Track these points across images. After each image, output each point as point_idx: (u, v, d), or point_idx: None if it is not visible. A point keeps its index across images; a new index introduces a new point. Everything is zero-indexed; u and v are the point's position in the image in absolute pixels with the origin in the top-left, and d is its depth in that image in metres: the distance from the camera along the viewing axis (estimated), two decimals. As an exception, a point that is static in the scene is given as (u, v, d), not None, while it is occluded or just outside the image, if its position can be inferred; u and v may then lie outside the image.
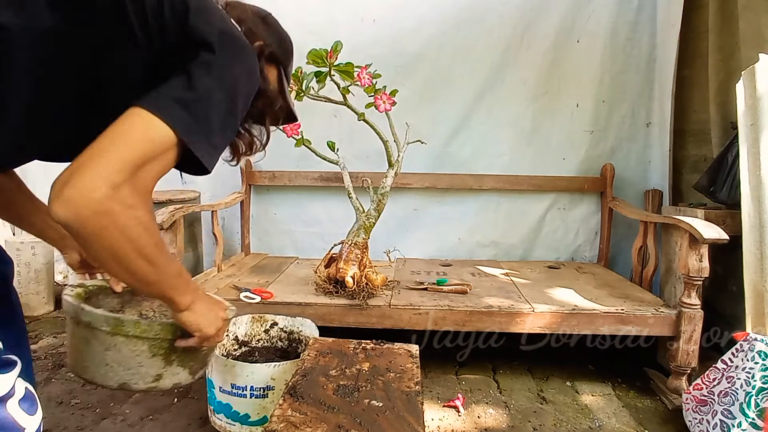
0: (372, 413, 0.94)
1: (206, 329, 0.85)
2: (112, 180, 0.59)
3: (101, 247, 0.63)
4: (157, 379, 0.89)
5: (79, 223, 0.59)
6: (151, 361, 0.88)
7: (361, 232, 1.81)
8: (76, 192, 0.58)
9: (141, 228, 0.64)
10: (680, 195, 2.32)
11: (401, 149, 1.87)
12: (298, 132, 1.90)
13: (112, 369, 0.88)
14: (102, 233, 0.61)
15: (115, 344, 0.86)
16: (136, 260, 0.67)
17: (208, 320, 0.86)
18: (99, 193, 0.58)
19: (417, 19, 2.41)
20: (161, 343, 0.87)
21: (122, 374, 0.88)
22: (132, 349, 0.86)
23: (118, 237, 0.62)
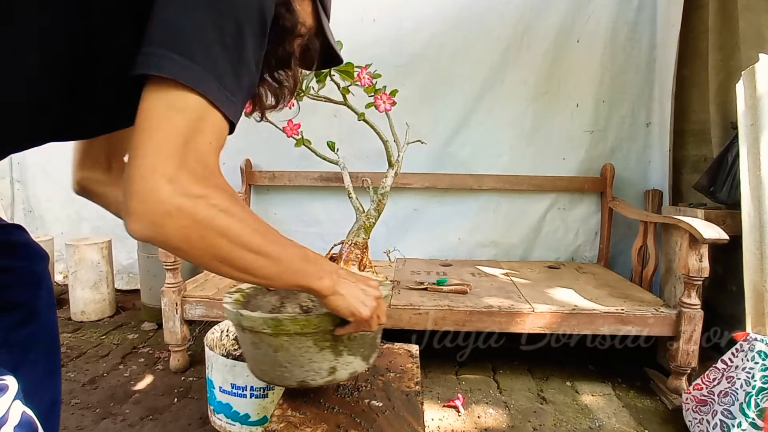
0: (372, 413, 0.94)
1: (360, 312, 0.79)
2: (165, 173, 0.51)
3: (198, 252, 0.56)
4: (332, 372, 0.89)
5: (159, 233, 0.52)
6: (321, 355, 0.87)
7: (361, 232, 1.82)
8: (138, 202, 0.51)
9: (226, 217, 0.56)
10: (680, 195, 2.32)
11: (401, 149, 1.87)
12: (298, 132, 1.89)
13: (287, 369, 0.88)
14: (188, 235, 0.54)
15: (281, 344, 0.86)
16: (242, 255, 0.60)
17: (359, 300, 0.79)
18: (161, 193, 0.50)
19: (417, 19, 2.41)
20: (324, 335, 0.85)
21: (297, 372, 0.88)
22: (298, 346, 0.85)
23: (206, 234, 0.55)
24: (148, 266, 2.30)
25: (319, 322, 0.84)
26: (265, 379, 0.93)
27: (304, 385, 0.90)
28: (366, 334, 0.90)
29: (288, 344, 0.85)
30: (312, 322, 0.83)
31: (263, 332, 0.85)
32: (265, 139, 2.53)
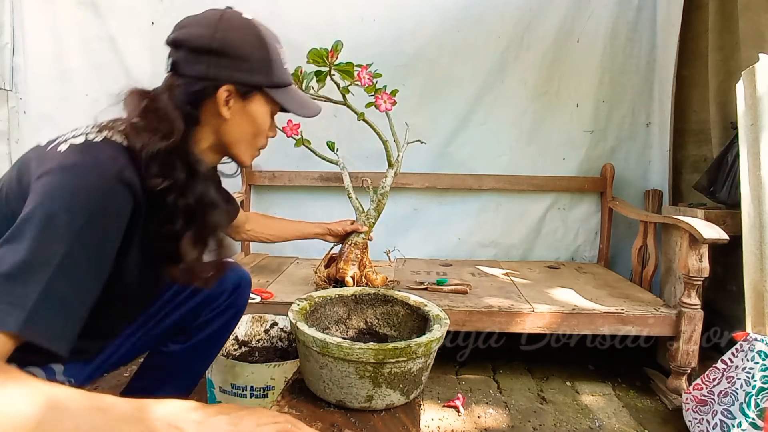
0: (367, 413, 0.94)
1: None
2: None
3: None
4: (368, 399, 0.92)
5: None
6: (360, 382, 0.90)
7: (362, 233, 1.81)
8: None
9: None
10: (680, 195, 2.32)
11: (401, 149, 1.87)
12: (297, 132, 1.89)
13: (328, 386, 0.92)
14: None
15: (326, 363, 0.90)
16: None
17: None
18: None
19: (417, 19, 2.41)
20: (365, 366, 0.88)
21: (337, 392, 0.92)
22: (340, 369, 0.89)
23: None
24: (148, 266, 2.30)
25: (362, 353, 0.86)
26: (310, 388, 0.98)
27: (341, 405, 0.93)
28: (409, 371, 0.92)
29: (332, 365, 0.89)
30: (355, 352, 0.86)
31: (312, 348, 0.90)
32: (265, 139, 2.54)
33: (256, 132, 0.89)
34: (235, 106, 0.85)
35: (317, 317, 1.11)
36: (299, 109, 0.90)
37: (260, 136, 0.91)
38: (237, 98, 0.84)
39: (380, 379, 0.90)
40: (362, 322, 1.18)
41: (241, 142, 0.89)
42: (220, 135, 0.87)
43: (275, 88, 0.87)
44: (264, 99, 0.87)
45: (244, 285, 1.23)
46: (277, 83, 0.87)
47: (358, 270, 1.78)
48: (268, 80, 0.85)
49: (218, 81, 0.81)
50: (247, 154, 0.92)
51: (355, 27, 2.40)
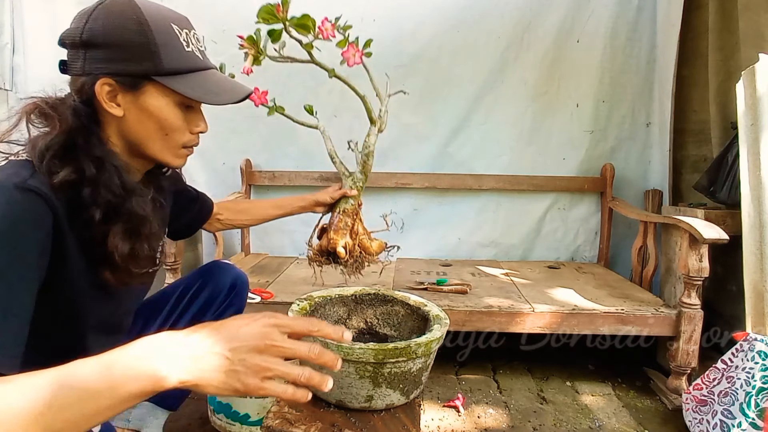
0: (367, 413, 0.94)
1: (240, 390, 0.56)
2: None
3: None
4: (368, 399, 0.92)
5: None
6: (360, 382, 0.90)
7: (352, 198, 1.60)
8: None
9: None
10: (680, 195, 2.32)
11: (384, 102, 1.63)
12: (266, 100, 1.63)
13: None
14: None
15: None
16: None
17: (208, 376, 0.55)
18: None
19: (417, 19, 2.41)
20: (365, 366, 0.88)
21: (337, 392, 0.92)
22: (341, 369, 0.89)
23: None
24: (148, 266, 2.30)
25: (362, 353, 0.87)
26: (310, 388, 0.96)
27: (341, 405, 0.94)
28: (409, 371, 0.93)
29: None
30: (355, 352, 0.87)
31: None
32: (265, 139, 2.54)
33: (162, 127, 0.80)
34: (126, 101, 0.77)
35: (317, 317, 1.11)
36: (205, 96, 0.80)
37: (174, 131, 0.82)
38: (124, 92, 0.76)
39: (380, 379, 0.90)
40: (362, 322, 1.18)
41: (150, 140, 0.81)
42: (124, 134, 0.80)
43: (170, 75, 0.77)
44: (158, 89, 0.77)
45: (240, 284, 1.23)
46: (172, 70, 0.77)
47: (350, 239, 1.57)
48: (157, 67, 0.76)
49: (95, 75, 0.74)
50: (167, 154, 0.84)
51: (355, 27, 2.39)
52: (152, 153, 0.83)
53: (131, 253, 0.77)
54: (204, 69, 0.83)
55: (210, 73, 0.84)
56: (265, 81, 2.41)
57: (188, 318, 1.13)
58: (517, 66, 2.43)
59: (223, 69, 1.28)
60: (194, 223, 1.26)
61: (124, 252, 0.76)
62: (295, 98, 2.45)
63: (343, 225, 1.50)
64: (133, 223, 0.77)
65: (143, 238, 0.79)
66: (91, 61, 0.75)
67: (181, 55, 0.79)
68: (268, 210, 1.45)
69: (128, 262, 0.77)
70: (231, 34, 2.42)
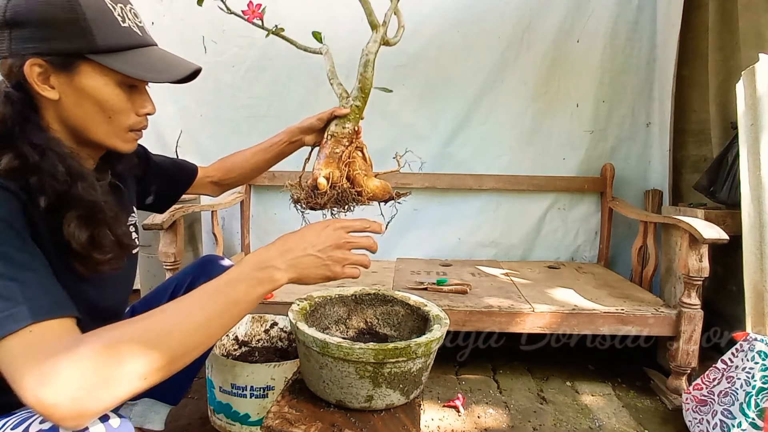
0: (367, 413, 0.94)
1: (329, 276, 0.78)
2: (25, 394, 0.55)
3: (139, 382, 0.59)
4: (368, 399, 0.92)
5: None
6: (360, 382, 0.90)
7: (345, 120, 1.22)
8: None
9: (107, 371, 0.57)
10: (680, 195, 2.32)
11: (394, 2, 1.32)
12: (261, 15, 1.28)
13: (328, 386, 0.92)
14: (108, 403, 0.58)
15: (326, 363, 0.90)
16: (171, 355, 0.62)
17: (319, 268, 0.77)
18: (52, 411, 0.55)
19: (417, 19, 2.41)
20: (365, 366, 0.88)
21: (337, 392, 0.92)
22: (340, 369, 0.89)
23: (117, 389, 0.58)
24: (149, 266, 2.30)
25: (362, 353, 0.86)
26: (310, 388, 0.98)
27: (341, 405, 0.93)
28: (409, 371, 0.92)
29: (332, 365, 0.89)
30: (355, 352, 0.86)
31: (312, 349, 0.90)
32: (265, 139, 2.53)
33: (103, 109, 0.76)
34: (60, 83, 0.73)
35: (317, 317, 1.11)
36: (146, 74, 0.75)
37: (117, 113, 0.77)
38: (57, 73, 0.72)
39: (380, 379, 0.90)
40: (362, 322, 1.18)
41: (92, 124, 0.77)
42: (64, 119, 0.76)
43: (106, 52, 0.73)
44: (94, 68, 0.73)
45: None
46: (107, 47, 0.73)
47: (338, 170, 1.17)
48: (90, 45, 0.71)
49: (23, 56, 0.70)
50: (113, 138, 0.80)
51: (355, 27, 2.40)
52: (97, 138, 0.79)
53: (91, 240, 0.73)
54: (144, 46, 0.79)
55: (151, 50, 0.80)
56: (266, 81, 2.44)
57: None
58: (517, 66, 2.43)
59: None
60: (176, 187, 1.23)
61: (81, 240, 0.72)
62: (295, 98, 2.47)
63: (329, 152, 1.17)
64: (86, 209, 0.73)
65: (101, 224, 0.75)
66: (17, 41, 0.70)
67: (116, 31, 0.74)
68: (256, 157, 1.34)
69: (89, 250, 0.74)
70: (231, 34, 2.44)
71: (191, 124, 2.48)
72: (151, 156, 1.13)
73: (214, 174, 1.30)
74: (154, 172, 1.13)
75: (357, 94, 1.20)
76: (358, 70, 1.21)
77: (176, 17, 2.34)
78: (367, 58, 1.22)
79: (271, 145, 1.31)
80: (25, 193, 0.69)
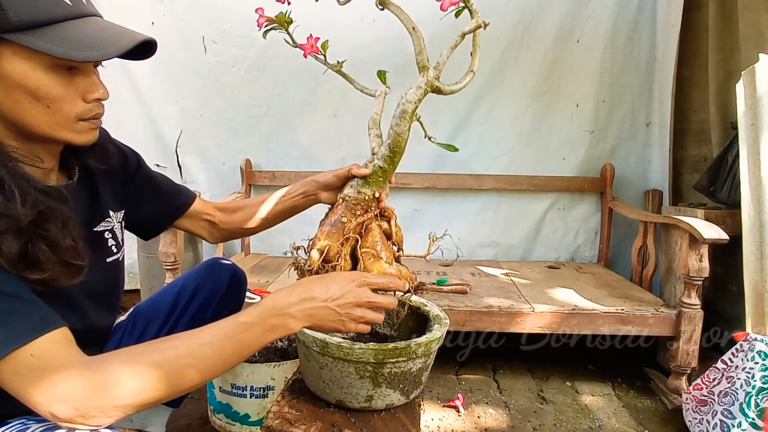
0: (367, 413, 0.94)
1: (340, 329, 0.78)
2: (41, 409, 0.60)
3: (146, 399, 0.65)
4: (368, 399, 0.92)
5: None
6: (360, 382, 0.90)
7: (365, 184, 0.98)
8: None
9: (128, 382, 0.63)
10: (680, 195, 2.32)
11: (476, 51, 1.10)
12: (318, 49, 1.09)
13: (328, 386, 0.92)
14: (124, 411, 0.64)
15: (326, 363, 0.90)
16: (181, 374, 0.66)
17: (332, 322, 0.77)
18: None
19: (417, 19, 2.39)
20: (365, 366, 0.88)
21: (337, 392, 0.92)
22: (341, 369, 0.89)
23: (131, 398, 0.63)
24: (149, 266, 2.30)
25: (362, 353, 0.86)
26: (310, 388, 0.98)
27: (341, 405, 0.93)
28: (409, 371, 0.92)
29: (332, 365, 0.89)
30: (355, 352, 0.86)
31: (313, 349, 0.90)
32: (266, 139, 2.54)
33: (36, 98, 0.65)
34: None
35: None
36: (76, 52, 0.63)
37: (56, 101, 0.67)
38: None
39: (380, 379, 0.90)
40: None
41: (28, 116, 0.66)
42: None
43: (25, 30, 0.61)
44: (15, 50, 0.62)
45: (238, 281, 1.20)
46: (26, 23, 0.61)
47: (339, 243, 0.96)
48: (3, 23, 0.60)
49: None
50: (61, 130, 0.69)
51: (355, 27, 2.40)
52: (42, 131, 0.68)
53: (21, 257, 0.63)
54: (78, 17, 0.66)
55: (85, 21, 0.67)
56: (266, 81, 2.44)
57: (188, 317, 1.12)
58: (517, 66, 2.43)
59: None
60: (167, 209, 1.07)
61: (9, 256, 0.62)
62: (295, 98, 2.47)
63: (335, 219, 0.96)
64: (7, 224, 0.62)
65: (37, 239, 0.65)
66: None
67: (36, 3, 0.62)
68: (266, 204, 1.14)
69: (20, 269, 0.63)
70: (231, 34, 2.44)
71: (191, 124, 2.48)
72: (144, 165, 1.02)
73: (213, 213, 1.15)
74: (144, 183, 1.01)
75: (385, 153, 0.98)
76: (391, 121, 0.97)
77: (176, 17, 2.34)
78: (404, 108, 0.96)
79: (284, 195, 1.13)
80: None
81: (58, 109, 0.67)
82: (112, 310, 0.96)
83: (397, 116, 0.95)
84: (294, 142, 2.53)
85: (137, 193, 1.00)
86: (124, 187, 0.96)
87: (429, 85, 0.98)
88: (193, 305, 1.12)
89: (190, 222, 1.12)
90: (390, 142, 0.95)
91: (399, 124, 0.95)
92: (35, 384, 0.59)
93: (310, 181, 1.09)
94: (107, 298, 0.91)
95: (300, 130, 2.52)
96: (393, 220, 1.03)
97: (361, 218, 0.96)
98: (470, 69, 1.04)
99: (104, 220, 0.89)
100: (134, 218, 1.01)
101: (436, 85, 0.97)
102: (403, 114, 0.94)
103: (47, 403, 0.59)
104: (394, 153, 0.96)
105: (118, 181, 0.94)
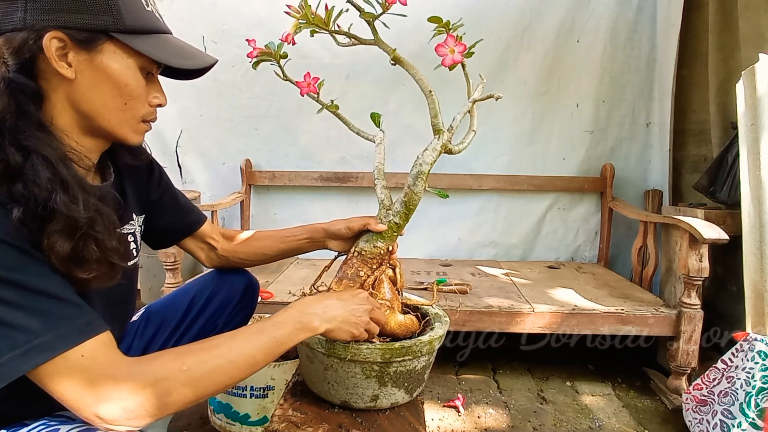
0: (373, 413, 0.94)
1: (356, 335, 0.85)
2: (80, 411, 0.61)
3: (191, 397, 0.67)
4: (374, 399, 0.92)
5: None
6: (366, 382, 0.90)
7: (379, 238, 1.02)
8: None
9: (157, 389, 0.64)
10: (680, 195, 2.32)
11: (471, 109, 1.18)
12: (315, 89, 1.19)
13: (333, 387, 0.93)
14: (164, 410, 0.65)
15: (331, 365, 0.91)
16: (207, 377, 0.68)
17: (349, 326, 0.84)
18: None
19: (417, 19, 2.39)
20: (371, 366, 0.89)
21: (342, 393, 0.93)
22: (346, 370, 0.90)
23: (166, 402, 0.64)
24: (149, 266, 2.30)
25: (369, 353, 0.87)
26: (313, 390, 0.98)
27: (346, 406, 0.94)
28: (413, 370, 0.93)
29: (337, 366, 0.90)
30: (362, 352, 0.87)
31: (318, 350, 0.90)
32: (266, 139, 2.54)
33: (120, 93, 0.70)
34: (79, 61, 0.66)
35: None
36: (173, 59, 0.72)
37: (134, 99, 0.72)
38: (77, 49, 0.66)
39: (386, 378, 0.90)
40: None
41: (106, 110, 0.71)
42: (75, 103, 0.69)
43: (131, 33, 0.68)
44: (119, 48, 0.68)
45: (252, 289, 1.19)
46: (132, 28, 0.68)
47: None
48: (116, 23, 0.66)
49: (41, 28, 0.63)
50: (125, 128, 0.74)
51: (355, 27, 2.40)
52: (107, 125, 0.72)
53: (72, 256, 0.64)
54: (163, 32, 0.76)
55: (170, 38, 0.77)
56: (266, 81, 2.44)
57: (202, 322, 1.11)
58: (517, 66, 2.43)
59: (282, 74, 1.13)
60: (180, 223, 1.08)
61: (61, 255, 0.63)
62: (295, 98, 2.47)
63: (352, 273, 1.00)
64: (65, 224, 0.63)
65: (87, 238, 0.66)
66: (34, 11, 0.63)
67: (141, 12, 0.70)
68: (270, 240, 1.15)
69: (70, 268, 0.64)
70: (231, 34, 2.43)
71: (191, 124, 2.48)
72: (166, 175, 1.04)
73: (217, 239, 1.14)
74: (166, 192, 1.03)
75: (399, 210, 1.03)
76: (407, 182, 1.01)
77: (176, 17, 2.34)
78: (419, 169, 1.03)
79: (289, 236, 1.14)
80: (12, 200, 0.62)
81: (131, 107, 0.73)
82: (127, 317, 0.99)
83: (413, 176, 1.01)
84: (294, 142, 2.54)
85: (159, 200, 1.01)
86: (148, 193, 0.98)
87: (443, 147, 1.08)
88: (206, 312, 1.11)
89: (193, 242, 1.12)
90: (406, 200, 1.01)
91: (416, 185, 1.02)
92: (84, 385, 0.60)
93: (319, 228, 1.11)
94: (125, 303, 0.93)
95: (300, 130, 2.52)
96: (398, 269, 1.07)
97: (378, 272, 1.02)
98: (471, 128, 1.14)
99: (128, 222, 0.90)
100: (151, 226, 1.02)
101: (449, 147, 1.08)
102: (419, 175, 1.02)
103: (94, 404, 0.60)
104: (409, 210, 1.03)
105: (143, 185, 0.97)
